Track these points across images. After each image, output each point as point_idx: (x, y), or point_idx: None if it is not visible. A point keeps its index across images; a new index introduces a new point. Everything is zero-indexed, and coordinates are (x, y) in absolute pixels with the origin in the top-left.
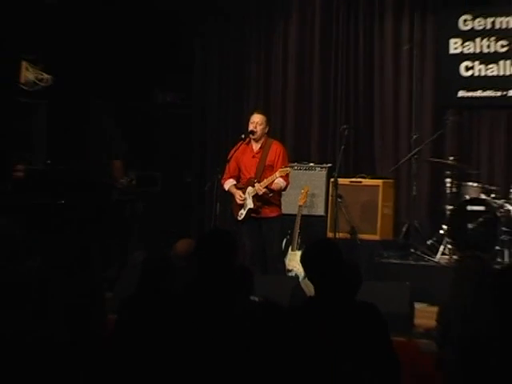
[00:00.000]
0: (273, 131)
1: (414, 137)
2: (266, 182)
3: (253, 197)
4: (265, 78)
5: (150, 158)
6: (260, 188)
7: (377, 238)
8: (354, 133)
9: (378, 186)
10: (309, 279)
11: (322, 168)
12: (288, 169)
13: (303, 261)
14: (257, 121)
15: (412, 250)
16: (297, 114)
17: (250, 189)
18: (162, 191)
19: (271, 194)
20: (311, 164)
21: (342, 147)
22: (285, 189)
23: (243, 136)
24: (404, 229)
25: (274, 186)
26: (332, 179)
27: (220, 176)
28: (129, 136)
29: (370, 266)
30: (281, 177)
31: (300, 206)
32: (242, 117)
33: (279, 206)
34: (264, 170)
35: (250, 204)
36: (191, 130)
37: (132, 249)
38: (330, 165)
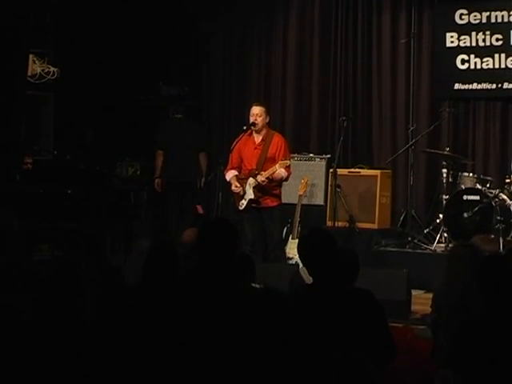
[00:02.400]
0: (273, 123)
1: (411, 128)
2: (266, 173)
3: (253, 187)
4: (265, 71)
5: (153, 149)
6: (262, 179)
7: (375, 226)
8: (352, 124)
9: (376, 176)
10: (305, 267)
11: (321, 159)
12: (288, 161)
13: (299, 250)
14: (256, 113)
15: (409, 239)
16: (296, 105)
17: (251, 180)
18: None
19: (273, 184)
20: (311, 155)
21: (341, 138)
22: (286, 179)
23: (245, 128)
24: (401, 218)
25: (275, 176)
26: (331, 170)
27: (223, 167)
28: (134, 128)
29: (368, 253)
30: (282, 169)
31: (300, 196)
32: (244, 108)
33: (279, 196)
34: (265, 162)
35: (250, 194)
36: (197, 121)
37: (137, 236)
38: (329, 155)
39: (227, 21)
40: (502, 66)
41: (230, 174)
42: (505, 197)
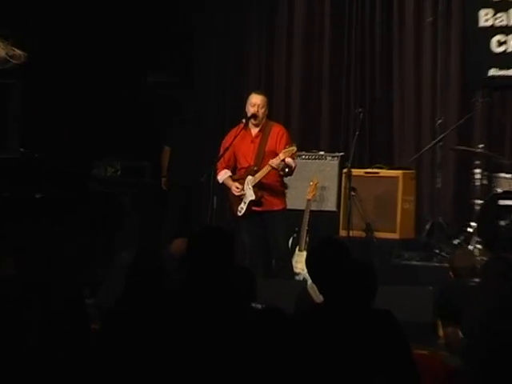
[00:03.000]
0: (276, 115)
1: (439, 121)
2: (265, 169)
3: (253, 187)
4: (267, 56)
5: (138, 146)
6: (276, 162)
7: (396, 236)
8: (370, 117)
9: (398, 177)
10: (315, 284)
11: (333, 157)
12: (293, 148)
13: (307, 264)
14: (258, 103)
15: (436, 251)
16: (304, 95)
17: (249, 178)
18: (151, 183)
19: (287, 170)
20: (321, 153)
21: (357, 133)
22: (291, 173)
23: (244, 121)
24: (427, 226)
25: (287, 161)
26: (345, 170)
27: (217, 167)
28: (115, 121)
29: (388, 268)
30: (289, 157)
31: (308, 201)
32: (242, 99)
33: (284, 197)
34: (264, 157)
35: (250, 195)
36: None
37: (118, 248)
38: (342, 153)
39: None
40: None
41: (223, 175)
42: None
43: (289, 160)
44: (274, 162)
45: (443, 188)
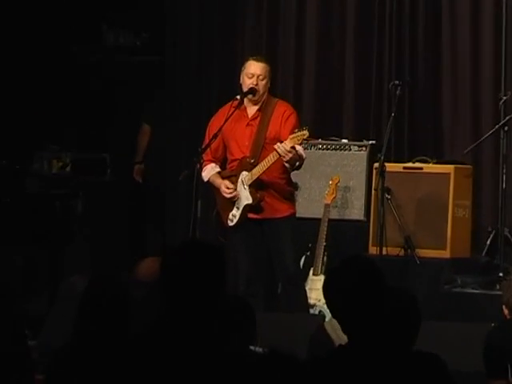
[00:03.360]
0: (284, 94)
1: (504, 99)
2: (267, 161)
3: (249, 186)
4: (270, 15)
5: (95, 132)
6: (286, 149)
7: (446, 255)
8: (410, 93)
9: (448, 174)
10: (335, 319)
11: (360, 147)
12: (305, 132)
13: (325, 292)
14: (258, 73)
15: (500, 274)
16: (321, 67)
17: (244, 175)
18: (112, 182)
19: (298, 163)
20: (344, 141)
21: (392, 115)
22: (300, 166)
23: (238, 97)
24: (488, 241)
25: (298, 153)
26: (376, 164)
27: (202, 160)
28: (60, 97)
29: (436, 297)
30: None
31: (327, 206)
32: (234, 69)
33: (292, 200)
34: (264, 146)
35: (246, 198)
36: (160, 87)
37: (67, 271)
38: (372, 142)
39: None
40: None
41: (209, 171)
42: None
43: (299, 149)
44: (281, 148)
45: (510, 189)
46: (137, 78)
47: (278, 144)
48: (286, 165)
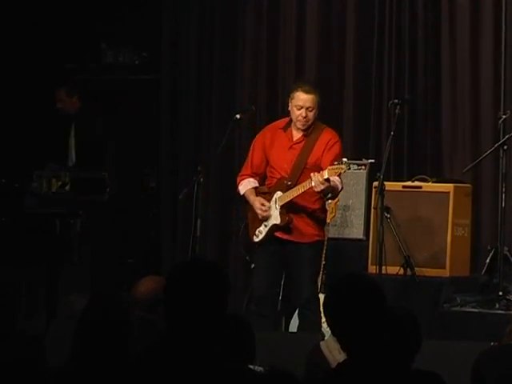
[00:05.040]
0: (282, 110)
1: (503, 117)
2: (302, 186)
3: (281, 207)
4: (270, 29)
5: (94, 150)
6: (320, 180)
7: (445, 274)
8: (410, 111)
9: (448, 193)
10: (335, 336)
11: (359, 166)
12: (343, 166)
13: (325, 310)
14: (308, 105)
15: (500, 293)
16: (320, 83)
17: (278, 195)
18: (111, 201)
19: (330, 194)
20: (343, 160)
21: (392, 134)
22: (335, 196)
23: (238, 116)
24: (487, 259)
25: (332, 184)
26: (376, 183)
27: (200, 177)
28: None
29: (435, 316)
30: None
31: (326, 225)
32: (233, 85)
33: (321, 227)
34: (304, 170)
35: (275, 218)
36: (157, 106)
37: (66, 290)
38: (371, 160)
39: None
40: None
41: (247, 185)
42: None
43: (335, 179)
44: (317, 178)
45: (510, 208)
46: (136, 97)
47: (315, 173)
48: (321, 195)
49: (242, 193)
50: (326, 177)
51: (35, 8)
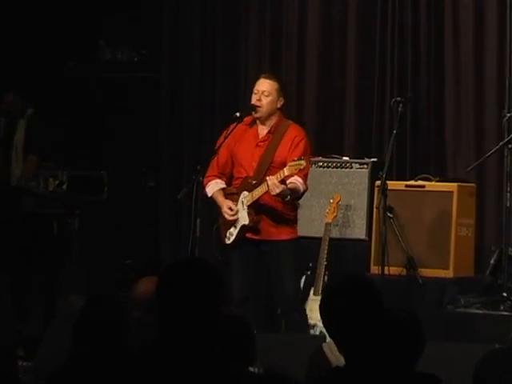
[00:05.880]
0: (287, 112)
1: (508, 115)
2: (263, 187)
3: (249, 207)
4: (272, 29)
5: (92, 149)
6: (275, 183)
7: (449, 274)
8: (412, 110)
9: (451, 192)
10: (332, 338)
11: (361, 165)
12: (302, 162)
13: (322, 311)
14: (263, 89)
15: (504, 294)
16: (322, 81)
17: (244, 194)
18: (109, 201)
19: (288, 198)
20: (345, 159)
21: (394, 132)
22: (301, 196)
23: (238, 114)
24: (492, 260)
25: (290, 186)
26: (378, 182)
27: (202, 178)
28: (56, 114)
29: (438, 318)
30: (298, 175)
31: (327, 225)
32: (236, 86)
33: (293, 224)
34: (270, 169)
35: (243, 218)
36: (157, 104)
37: (64, 290)
38: (374, 159)
39: None
40: None
41: (214, 186)
42: None
43: (296, 181)
44: (272, 181)
45: None
46: (135, 95)
47: (270, 176)
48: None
49: (209, 195)
50: (286, 174)
51: (33, 5)
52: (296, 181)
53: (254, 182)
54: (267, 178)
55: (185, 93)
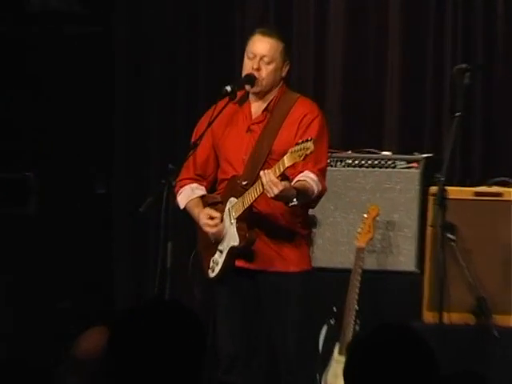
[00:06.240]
0: (300, 87)
1: None
2: (257, 187)
3: (238, 220)
4: None
5: (13, 140)
6: (272, 179)
7: None
8: (484, 83)
9: None
10: None
11: (409, 163)
12: (309, 144)
13: (349, 376)
14: (263, 53)
15: None
16: (350, 46)
17: (232, 202)
18: (39, 215)
19: (294, 203)
20: (385, 154)
21: (457, 115)
22: (315, 200)
23: (228, 88)
24: None
25: (296, 184)
26: (434, 189)
27: (173, 180)
28: None
29: None
30: (309, 170)
31: (360, 251)
32: (230, 45)
33: (306, 245)
34: (267, 161)
35: (232, 237)
36: (111, 76)
37: None
38: (428, 155)
39: None
40: None
41: (189, 194)
42: None
43: (307, 177)
44: (268, 177)
45: None
46: (76, 60)
47: (266, 170)
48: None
49: (182, 206)
50: (287, 164)
51: None
52: (306, 177)
53: (245, 182)
54: (261, 173)
55: (151, 59)
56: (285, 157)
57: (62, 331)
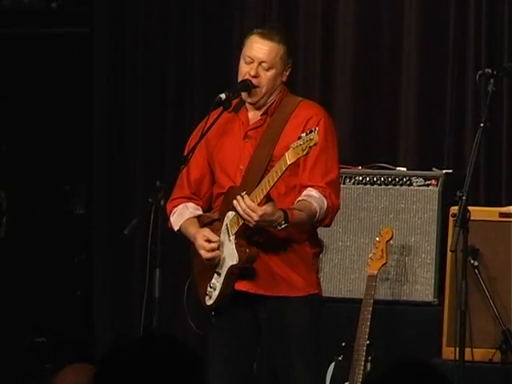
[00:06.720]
0: (305, 93)
1: None
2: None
3: (237, 235)
4: None
5: None
6: (248, 204)
7: None
8: (509, 90)
9: None
10: None
11: (427, 180)
12: (314, 136)
13: None
14: (262, 58)
15: None
16: (361, 48)
17: (229, 216)
18: (9, 239)
19: (283, 226)
20: (400, 170)
21: (481, 126)
22: (324, 217)
23: (223, 96)
24: None
25: (297, 205)
26: (455, 209)
27: (161, 198)
28: None
29: None
30: (315, 186)
31: (372, 279)
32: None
33: (312, 268)
34: (268, 168)
35: (230, 256)
36: (89, 79)
37: None
38: (448, 171)
39: None
40: None
41: (184, 214)
42: None
43: (310, 193)
44: (242, 201)
45: None
46: (52, 61)
47: (238, 196)
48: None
49: (176, 228)
50: (288, 162)
51: None
52: (307, 196)
53: (244, 193)
54: (234, 201)
55: (136, 58)
56: (286, 153)
57: (38, 367)
